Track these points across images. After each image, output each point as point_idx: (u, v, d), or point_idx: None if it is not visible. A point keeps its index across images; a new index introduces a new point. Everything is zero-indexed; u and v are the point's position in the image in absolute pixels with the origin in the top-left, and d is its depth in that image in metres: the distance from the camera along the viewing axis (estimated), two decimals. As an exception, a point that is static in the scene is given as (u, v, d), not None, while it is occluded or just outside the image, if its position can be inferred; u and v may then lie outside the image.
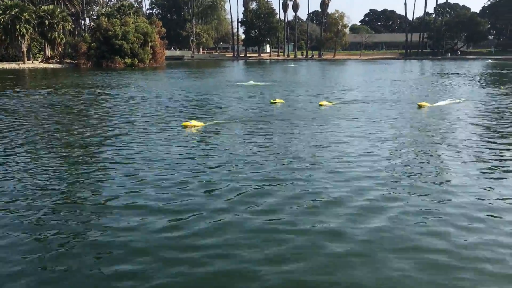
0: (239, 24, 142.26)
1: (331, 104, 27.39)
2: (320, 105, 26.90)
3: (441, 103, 27.38)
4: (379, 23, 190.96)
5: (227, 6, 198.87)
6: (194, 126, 19.64)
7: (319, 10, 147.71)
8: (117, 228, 8.90)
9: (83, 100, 31.82)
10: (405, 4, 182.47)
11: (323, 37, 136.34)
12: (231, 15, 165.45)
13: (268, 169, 12.88)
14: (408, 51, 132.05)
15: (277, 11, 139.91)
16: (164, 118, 22.93)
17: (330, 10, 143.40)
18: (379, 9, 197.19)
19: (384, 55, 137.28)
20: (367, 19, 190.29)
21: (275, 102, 28.44)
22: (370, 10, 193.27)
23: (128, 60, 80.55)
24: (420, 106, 25.67)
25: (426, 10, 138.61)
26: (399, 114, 23.54)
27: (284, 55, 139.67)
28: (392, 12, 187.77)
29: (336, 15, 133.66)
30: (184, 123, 19.92)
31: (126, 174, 12.64)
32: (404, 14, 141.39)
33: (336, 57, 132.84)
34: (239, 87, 41.91)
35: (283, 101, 28.86)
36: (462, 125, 20.26)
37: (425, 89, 39.01)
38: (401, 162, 13.65)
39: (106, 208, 9.99)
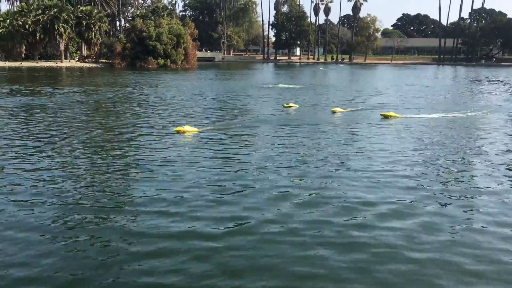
0: (270, 27, 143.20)
1: (344, 111, 26.51)
2: (333, 112, 26.11)
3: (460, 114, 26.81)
4: (412, 28, 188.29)
5: (258, 9, 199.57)
6: (187, 131, 18.84)
7: (351, 14, 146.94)
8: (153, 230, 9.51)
9: (116, 99, 32.96)
10: (439, 8, 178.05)
11: (354, 41, 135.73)
12: (262, 17, 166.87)
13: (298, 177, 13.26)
14: (441, 56, 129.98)
15: (308, 14, 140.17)
16: (188, 119, 23.60)
17: (362, 14, 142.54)
18: (412, 13, 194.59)
19: (416, 60, 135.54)
20: (399, 23, 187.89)
21: (289, 106, 28.15)
22: (403, 14, 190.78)
23: (161, 61, 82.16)
24: (385, 116, 24.02)
25: (461, 15, 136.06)
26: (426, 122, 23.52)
27: (314, 59, 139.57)
28: (426, 16, 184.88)
29: (368, 19, 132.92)
30: (176, 129, 19.18)
31: (155, 175, 13.28)
32: (438, 19, 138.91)
33: (367, 61, 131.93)
34: (268, 89, 42.46)
35: (297, 106, 28.64)
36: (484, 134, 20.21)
37: (459, 96, 38.66)
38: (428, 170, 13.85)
39: (148, 204, 10.65)
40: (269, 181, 12.27)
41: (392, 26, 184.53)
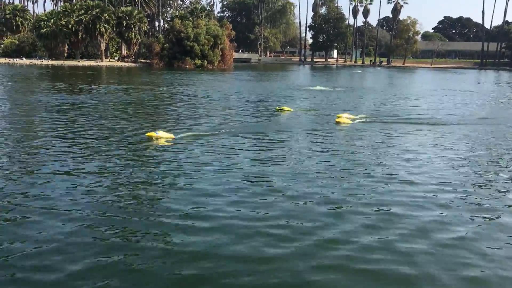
0: (307, 29, 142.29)
1: (351, 117, 24.06)
2: (337, 122, 22.94)
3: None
4: (454, 31, 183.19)
5: (296, 11, 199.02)
6: (161, 137, 17.56)
7: (390, 16, 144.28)
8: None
9: (153, 97, 33.43)
10: (483, 12, 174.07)
11: (393, 43, 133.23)
12: (299, 19, 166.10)
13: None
14: (484, 60, 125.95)
15: (346, 16, 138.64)
16: (220, 119, 23.64)
17: (402, 16, 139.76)
18: (455, 16, 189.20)
19: (457, 64, 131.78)
20: (440, 26, 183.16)
21: (282, 110, 26.69)
22: (445, 17, 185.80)
23: (198, 61, 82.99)
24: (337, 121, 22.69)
25: (506, 19, 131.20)
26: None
27: (351, 61, 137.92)
28: (468, 19, 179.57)
29: (408, 21, 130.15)
30: (149, 134, 18.00)
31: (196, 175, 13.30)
32: (481, 22, 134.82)
33: (406, 64, 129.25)
34: (303, 91, 42.19)
35: (291, 110, 27.32)
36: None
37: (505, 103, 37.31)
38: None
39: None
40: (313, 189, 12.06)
41: (433, 29, 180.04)
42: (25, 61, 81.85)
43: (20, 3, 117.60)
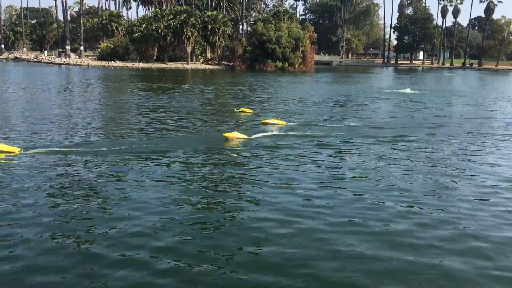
0: (392, 30, 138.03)
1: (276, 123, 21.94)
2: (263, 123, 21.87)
3: None
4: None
5: (380, 12, 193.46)
6: (237, 138, 17.72)
7: (483, 16, 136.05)
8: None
9: (232, 97, 34.45)
10: None
11: (485, 44, 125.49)
12: (384, 20, 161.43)
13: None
14: None
15: (434, 16, 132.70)
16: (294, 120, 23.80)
17: (496, 16, 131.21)
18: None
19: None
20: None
21: (241, 111, 25.92)
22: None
23: (279, 64, 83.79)
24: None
25: None
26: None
27: (438, 63, 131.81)
28: None
29: (503, 21, 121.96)
30: (225, 134, 18.02)
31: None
32: None
33: (499, 66, 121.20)
34: (386, 94, 41.27)
35: (251, 111, 26.35)
36: None
37: None
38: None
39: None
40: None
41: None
42: (118, 63, 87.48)
43: (115, 9, 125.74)
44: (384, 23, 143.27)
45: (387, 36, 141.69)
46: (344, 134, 19.72)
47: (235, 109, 26.44)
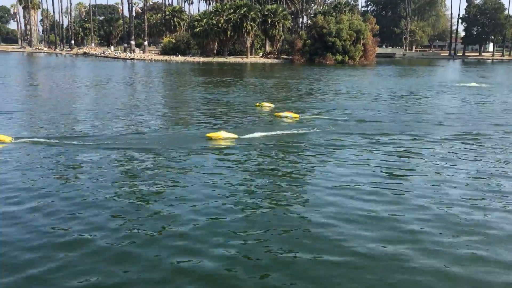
0: (459, 21, 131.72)
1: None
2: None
3: None
4: None
5: (447, 2, 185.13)
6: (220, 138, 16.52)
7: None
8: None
9: (293, 91, 34.24)
10: None
11: None
12: (451, 11, 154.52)
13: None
14: None
15: (506, 6, 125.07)
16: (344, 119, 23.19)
17: None
18: None
19: None
20: None
21: (262, 106, 25.42)
22: None
23: (339, 57, 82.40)
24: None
25: None
26: None
27: (510, 55, 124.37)
28: None
29: None
30: (209, 135, 16.90)
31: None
32: None
33: None
34: (454, 88, 39.47)
35: (272, 105, 25.42)
36: None
37: None
38: None
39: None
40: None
41: None
42: (180, 58, 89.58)
43: (178, 4, 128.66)
44: (451, 14, 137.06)
45: (454, 27, 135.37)
46: (384, 129, 18.96)
47: (256, 104, 25.98)
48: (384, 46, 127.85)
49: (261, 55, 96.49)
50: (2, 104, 25.07)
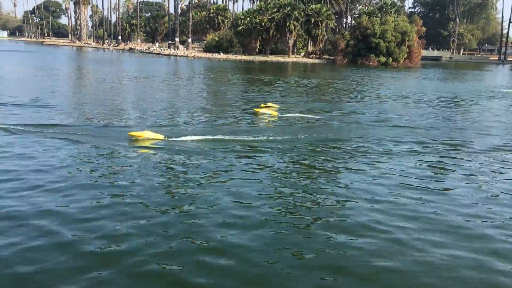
0: (510, 24, 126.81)
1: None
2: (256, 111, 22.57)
3: None
4: None
5: (499, 5, 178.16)
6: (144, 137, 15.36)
7: None
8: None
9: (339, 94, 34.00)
10: None
11: None
12: (502, 14, 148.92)
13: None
14: None
15: None
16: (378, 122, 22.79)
17: None
18: None
19: None
20: None
21: (266, 107, 23.92)
22: None
23: (382, 59, 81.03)
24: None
25: None
26: None
27: None
28: None
29: None
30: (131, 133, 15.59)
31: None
32: None
33: None
34: (492, 93, 38.17)
35: (277, 106, 24.36)
36: None
37: None
38: None
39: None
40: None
41: None
42: (222, 55, 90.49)
43: (222, 3, 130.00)
44: (502, 17, 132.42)
45: (504, 31, 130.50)
46: (402, 133, 18.48)
47: (261, 105, 24.81)
48: (430, 48, 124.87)
49: (303, 55, 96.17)
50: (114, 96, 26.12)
